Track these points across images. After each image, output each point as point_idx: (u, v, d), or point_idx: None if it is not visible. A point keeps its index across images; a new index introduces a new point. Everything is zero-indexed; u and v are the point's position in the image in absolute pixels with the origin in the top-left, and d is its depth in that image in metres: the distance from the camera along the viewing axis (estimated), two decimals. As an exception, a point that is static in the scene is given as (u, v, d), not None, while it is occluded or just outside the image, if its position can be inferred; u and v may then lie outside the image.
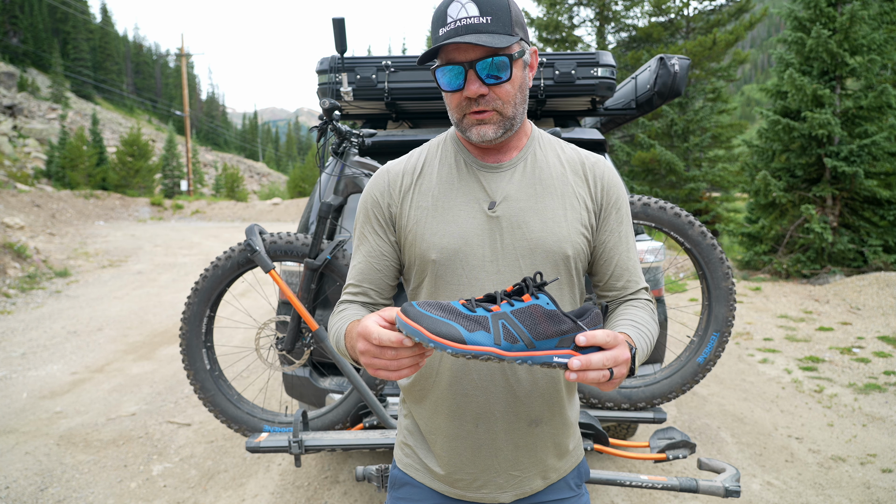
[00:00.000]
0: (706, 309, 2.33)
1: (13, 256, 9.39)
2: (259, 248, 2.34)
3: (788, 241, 9.14)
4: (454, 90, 1.06)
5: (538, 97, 2.81)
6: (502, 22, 1.01)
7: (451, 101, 1.09)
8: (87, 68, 56.56)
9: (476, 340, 0.81)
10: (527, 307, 0.85)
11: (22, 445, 3.45)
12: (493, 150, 1.15)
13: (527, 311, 0.84)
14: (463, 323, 0.83)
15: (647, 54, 13.62)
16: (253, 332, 5.71)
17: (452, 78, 1.05)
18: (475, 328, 0.82)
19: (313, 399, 2.63)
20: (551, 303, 0.86)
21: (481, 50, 1.02)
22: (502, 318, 0.84)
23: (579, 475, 1.25)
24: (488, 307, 0.86)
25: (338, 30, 2.58)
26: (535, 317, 0.84)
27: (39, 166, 29.08)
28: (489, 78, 1.03)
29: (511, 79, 1.05)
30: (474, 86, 1.03)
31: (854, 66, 8.42)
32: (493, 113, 1.06)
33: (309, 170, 33.94)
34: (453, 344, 0.80)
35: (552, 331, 0.84)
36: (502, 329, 0.83)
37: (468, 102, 1.06)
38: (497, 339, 0.83)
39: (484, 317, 0.84)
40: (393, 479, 1.25)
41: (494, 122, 1.07)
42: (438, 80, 1.07)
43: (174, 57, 75.06)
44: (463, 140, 1.17)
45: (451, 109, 1.10)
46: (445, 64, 1.05)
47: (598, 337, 0.84)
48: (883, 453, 3.31)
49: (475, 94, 1.03)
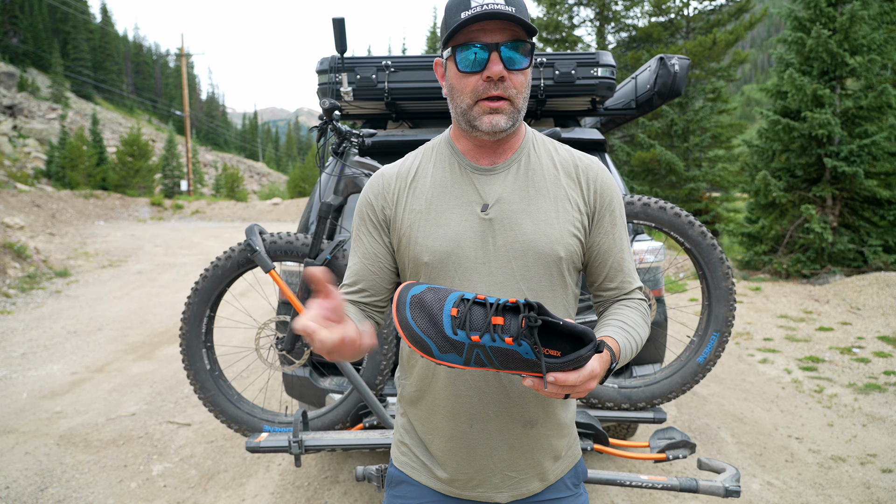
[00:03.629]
0: (706, 309, 2.32)
1: (13, 256, 9.39)
2: (259, 248, 2.34)
3: (788, 241, 9.14)
4: (474, 71, 1.05)
5: (538, 97, 2.80)
6: (525, 14, 1.04)
7: (467, 84, 1.07)
8: (87, 68, 56.54)
9: (446, 359, 0.87)
10: (506, 349, 0.85)
11: (22, 445, 3.45)
12: (488, 152, 1.14)
13: (503, 352, 0.85)
14: (439, 342, 0.85)
15: (647, 54, 13.62)
16: (253, 332, 5.71)
17: (474, 58, 1.04)
18: (448, 350, 0.85)
19: (313, 399, 2.63)
20: (531, 353, 0.84)
21: (508, 34, 1.03)
22: (479, 349, 0.85)
23: (577, 475, 1.25)
24: (471, 333, 0.85)
25: (338, 30, 2.58)
26: (510, 359, 0.85)
27: (39, 166, 29.08)
28: (510, 62, 1.04)
29: (527, 69, 1.07)
30: (497, 66, 1.03)
31: (854, 66, 8.42)
32: (507, 102, 1.06)
33: (309, 170, 33.94)
34: (423, 355, 0.87)
35: (524, 369, 0.87)
36: (475, 356, 0.85)
37: (485, 86, 1.05)
38: (467, 361, 0.86)
39: (461, 343, 0.85)
40: (390, 478, 1.26)
41: (507, 113, 1.07)
42: (457, 60, 1.06)
43: (174, 57, 75.07)
44: (458, 142, 1.17)
45: (464, 95, 1.08)
46: (468, 43, 1.04)
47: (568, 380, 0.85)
48: (883, 453, 3.31)
49: (497, 74, 1.03)
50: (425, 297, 0.89)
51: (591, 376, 0.87)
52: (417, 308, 0.88)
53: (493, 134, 1.08)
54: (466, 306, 0.87)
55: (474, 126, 1.09)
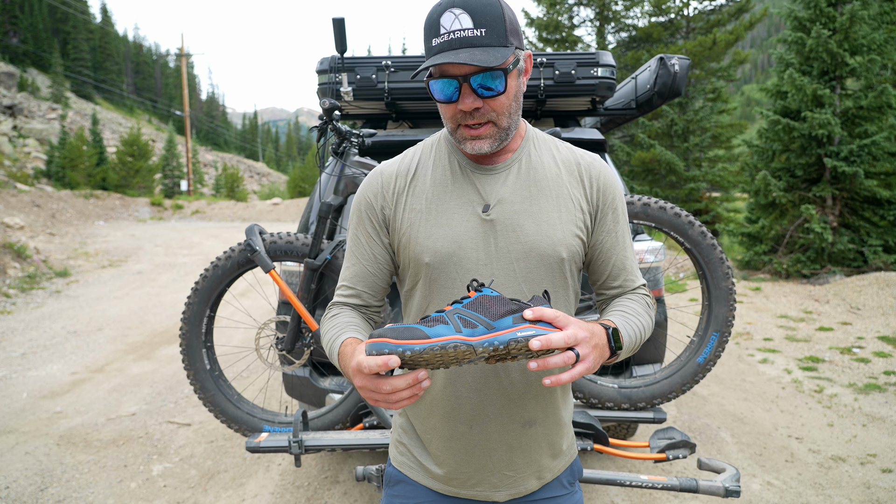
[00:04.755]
0: (706, 309, 2.33)
1: (13, 256, 9.39)
2: (259, 248, 2.34)
3: (788, 241, 9.14)
4: (448, 101, 1.04)
5: (538, 97, 2.80)
6: (497, 33, 0.98)
7: (446, 112, 1.07)
8: (87, 68, 56.53)
9: (438, 332, 0.86)
10: (474, 299, 0.91)
11: (22, 445, 3.45)
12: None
13: (475, 302, 0.91)
14: (422, 324, 0.88)
15: (647, 54, 13.62)
16: (253, 332, 5.71)
17: (446, 90, 1.03)
18: (434, 324, 0.87)
19: (313, 399, 2.63)
20: (495, 291, 0.93)
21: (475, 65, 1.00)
22: (456, 313, 0.89)
23: (572, 473, 1.25)
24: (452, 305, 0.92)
25: (338, 30, 2.58)
26: (484, 303, 0.90)
27: (39, 166, 29.07)
28: (484, 90, 1.01)
29: (506, 90, 1.03)
30: (469, 99, 1.01)
31: (854, 66, 8.42)
32: (489, 126, 1.05)
33: (309, 170, 33.93)
34: (418, 342, 0.84)
35: (503, 310, 0.90)
36: (458, 320, 0.88)
37: (463, 115, 1.04)
38: (457, 328, 0.87)
39: (439, 316, 0.89)
40: (388, 477, 1.26)
41: (490, 136, 1.05)
42: (432, 92, 1.05)
43: (174, 57, 75.03)
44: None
45: (446, 119, 1.08)
46: (439, 76, 1.02)
47: (545, 313, 0.89)
48: (883, 453, 3.31)
49: (469, 107, 1.02)
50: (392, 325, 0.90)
51: (568, 319, 0.89)
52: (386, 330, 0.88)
53: (479, 157, 1.09)
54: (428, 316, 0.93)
55: (461, 147, 1.09)
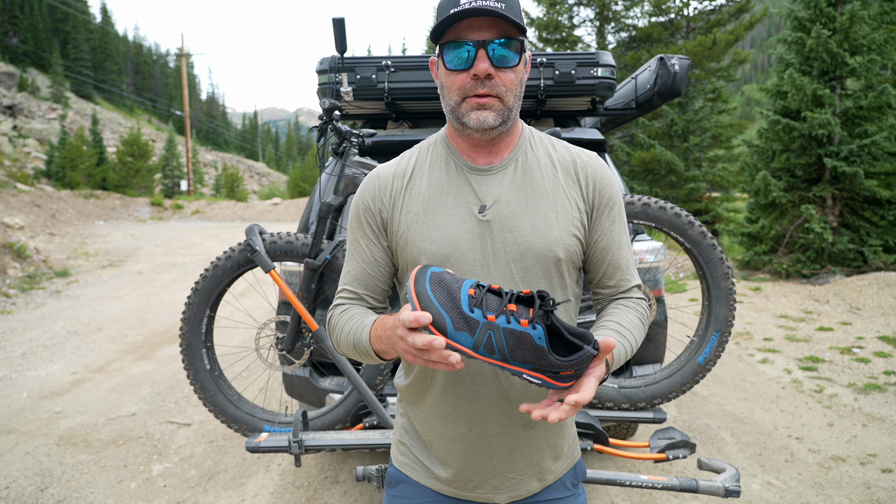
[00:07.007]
0: (706, 309, 2.33)
1: (13, 256, 9.39)
2: (259, 248, 2.34)
3: (788, 241, 9.14)
4: (460, 69, 1.04)
5: (538, 97, 2.80)
6: (515, 11, 1.03)
7: (454, 82, 1.06)
8: (87, 68, 56.54)
9: (457, 339, 0.85)
10: (519, 332, 0.85)
11: (22, 445, 3.45)
12: (483, 151, 1.13)
13: (516, 335, 0.85)
14: (454, 319, 0.86)
15: (647, 54, 13.61)
16: (253, 332, 5.71)
17: (461, 56, 1.03)
18: (462, 328, 0.85)
19: (313, 399, 2.63)
20: (543, 339, 0.86)
21: (496, 31, 1.02)
22: (492, 330, 0.85)
23: (576, 475, 1.25)
24: (487, 312, 0.87)
25: (338, 30, 2.58)
26: (522, 344, 0.85)
27: (39, 166, 29.07)
28: (498, 60, 1.03)
29: (517, 66, 1.05)
30: (484, 64, 1.02)
31: (854, 66, 8.42)
32: (495, 99, 1.05)
33: (309, 170, 33.93)
34: (435, 331, 0.85)
35: (531, 360, 0.86)
36: (486, 338, 0.85)
37: (472, 84, 1.04)
38: (477, 344, 0.86)
39: (476, 321, 0.86)
40: (389, 478, 1.26)
41: (495, 109, 1.05)
42: (445, 58, 1.05)
43: (174, 57, 75.08)
44: (453, 141, 1.16)
45: (452, 92, 1.07)
46: (456, 40, 1.03)
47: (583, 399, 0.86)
48: (883, 453, 3.31)
49: (483, 72, 1.02)
50: (444, 276, 0.90)
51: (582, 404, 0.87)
52: (436, 283, 0.88)
53: (482, 132, 1.07)
54: (482, 291, 0.89)
55: (463, 123, 1.08)
